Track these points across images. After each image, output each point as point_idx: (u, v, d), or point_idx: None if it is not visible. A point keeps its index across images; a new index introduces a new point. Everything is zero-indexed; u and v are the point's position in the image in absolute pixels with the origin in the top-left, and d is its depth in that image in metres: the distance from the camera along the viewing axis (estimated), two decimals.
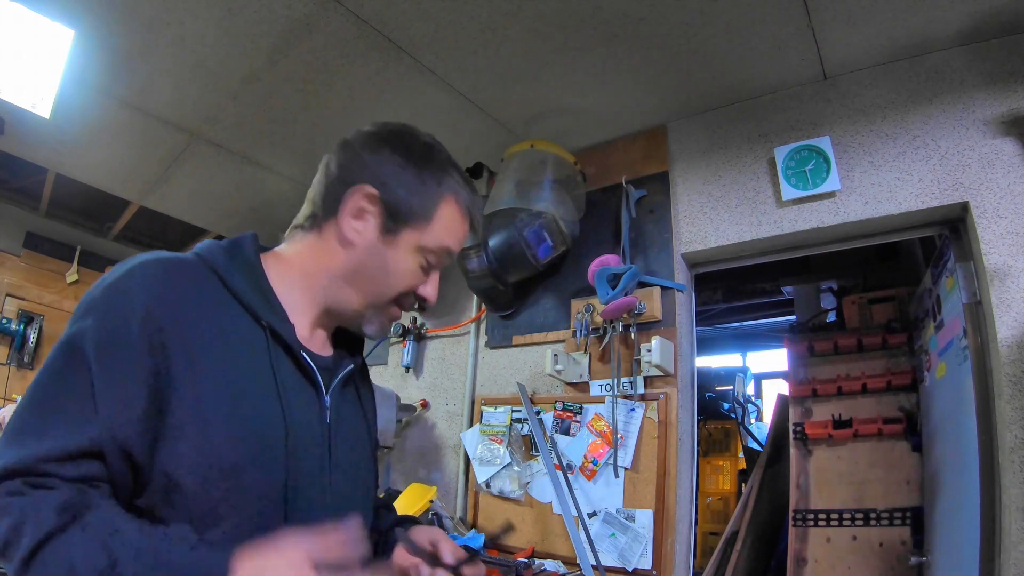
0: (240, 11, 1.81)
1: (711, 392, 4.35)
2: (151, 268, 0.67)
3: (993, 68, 1.73)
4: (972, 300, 1.69)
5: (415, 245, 0.82)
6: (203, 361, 0.65)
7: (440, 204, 0.83)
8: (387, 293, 0.82)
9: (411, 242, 0.81)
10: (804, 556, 2.56)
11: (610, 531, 1.94)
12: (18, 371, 3.46)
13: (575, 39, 1.88)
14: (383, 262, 0.81)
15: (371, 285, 0.82)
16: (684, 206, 2.19)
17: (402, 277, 0.82)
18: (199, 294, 0.69)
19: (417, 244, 0.82)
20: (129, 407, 0.61)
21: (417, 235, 0.81)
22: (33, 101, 1.93)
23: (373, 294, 0.82)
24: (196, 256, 0.73)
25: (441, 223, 0.83)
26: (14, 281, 3.55)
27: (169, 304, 0.65)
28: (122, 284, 0.65)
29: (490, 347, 2.55)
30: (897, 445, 2.48)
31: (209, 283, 0.71)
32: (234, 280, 0.72)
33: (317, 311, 0.83)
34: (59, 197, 3.51)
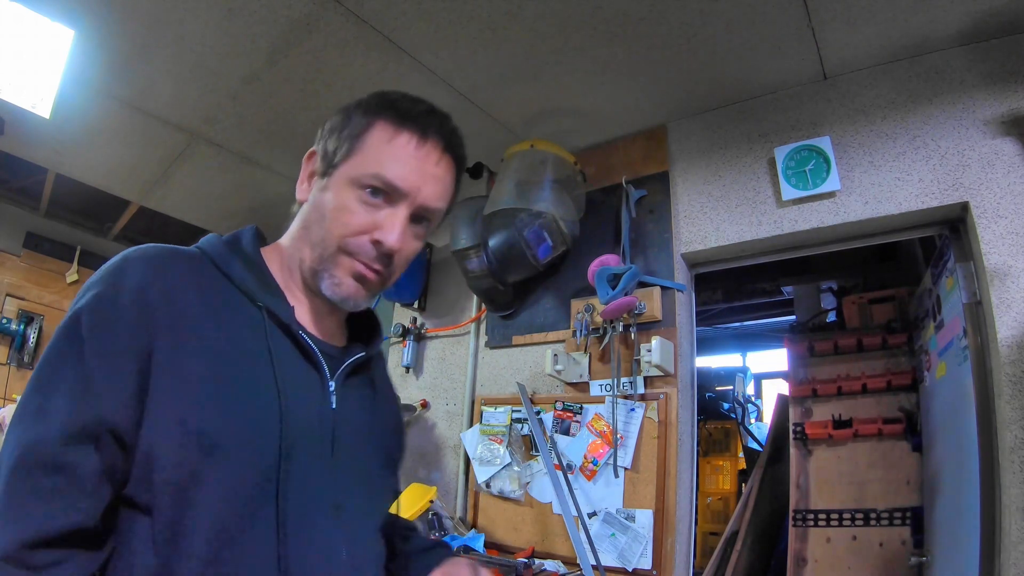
0: (240, 11, 1.81)
1: (711, 392, 4.35)
2: (148, 251, 0.68)
3: (993, 68, 1.73)
4: (972, 300, 1.69)
5: (345, 179, 0.75)
6: (191, 340, 0.64)
7: (368, 131, 0.76)
8: (329, 238, 0.74)
9: (342, 178, 0.75)
10: (804, 556, 2.56)
11: (610, 531, 1.94)
12: (18, 371, 3.46)
13: (575, 39, 1.88)
14: (320, 206, 0.76)
15: (314, 234, 0.76)
16: (684, 206, 2.19)
17: (338, 215, 0.74)
18: (194, 278, 0.68)
19: (347, 177, 0.75)
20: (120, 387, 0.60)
21: (346, 169, 0.75)
22: (33, 101, 1.92)
23: (319, 244, 0.75)
24: (196, 248, 0.74)
25: (371, 150, 0.75)
26: (14, 281, 3.55)
27: (161, 284, 0.65)
28: (117, 265, 0.66)
29: (490, 347, 2.55)
30: (897, 445, 2.48)
31: (207, 270, 0.71)
32: (230, 267, 0.72)
33: (304, 292, 0.79)
34: (59, 197, 3.51)
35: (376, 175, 0.73)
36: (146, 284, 0.64)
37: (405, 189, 0.74)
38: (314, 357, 0.74)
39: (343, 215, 0.74)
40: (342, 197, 0.74)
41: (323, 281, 0.75)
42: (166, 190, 3.03)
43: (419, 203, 0.76)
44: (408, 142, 0.75)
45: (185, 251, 0.72)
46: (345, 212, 0.74)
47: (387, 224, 0.74)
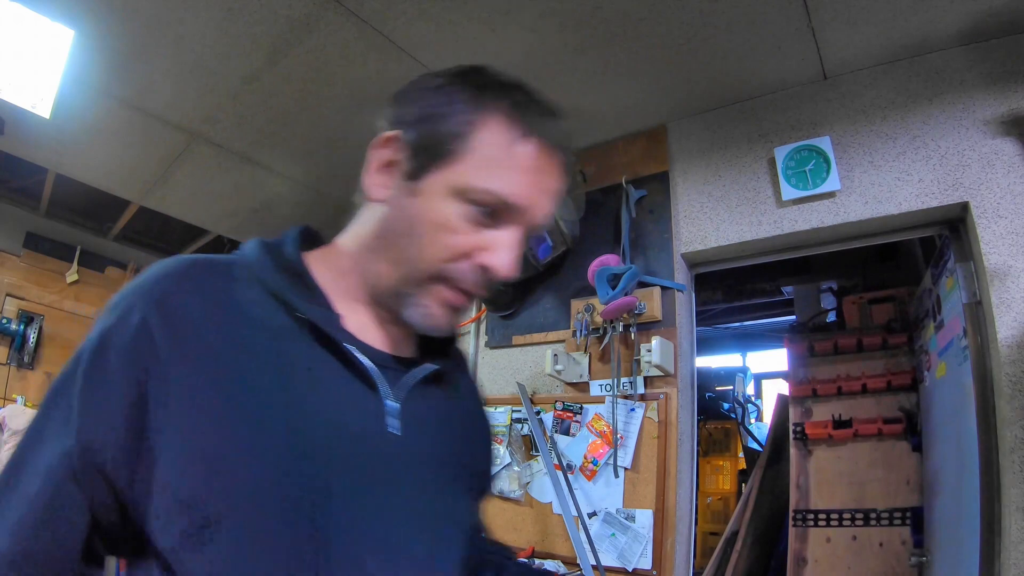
0: (240, 11, 1.81)
1: (711, 392, 4.34)
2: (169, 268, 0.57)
3: (993, 68, 1.73)
4: (972, 300, 1.69)
5: (447, 188, 0.59)
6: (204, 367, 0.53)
7: (479, 127, 0.60)
8: (422, 261, 0.60)
9: (440, 185, 0.59)
10: (804, 556, 2.56)
11: (610, 531, 1.94)
12: (18, 371, 3.46)
13: (575, 39, 1.88)
14: (411, 217, 0.60)
15: (401, 251, 0.61)
16: (684, 206, 2.19)
17: (435, 235, 0.59)
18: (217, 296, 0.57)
19: (449, 186, 0.59)
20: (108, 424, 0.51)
21: (447, 174, 0.59)
22: (33, 101, 1.92)
23: (406, 263, 0.61)
24: (234, 254, 0.63)
25: (483, 152, 0.59)
26: (14, 281, 3.54)
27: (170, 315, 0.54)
28: (131, 290, 0.57)
29: (490, 347, 2.55)
30: (897, 445, 2.48)
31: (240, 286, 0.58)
32: (269, 277, 0.59)
33: (366, 301, 0.65)
34: (59, 197, 3.51)
35: (490, 192, 0.59)
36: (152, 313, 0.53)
37: (524, 209, 0.60)
38: (363, 371, 0.59)
39: (444, 235, 0.59)
40: (443, 211, 0.59)
41: (407, 308, 0.62)
42: (166, 190, 3.03)
43: (533, 222, 0.63)
44: (531, 154, 0.60)
45: (216, 263, 0.60)
46: (446, 231, 0.59)
47: (499, 248, 0.60)
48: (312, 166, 2.78)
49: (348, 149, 2.58)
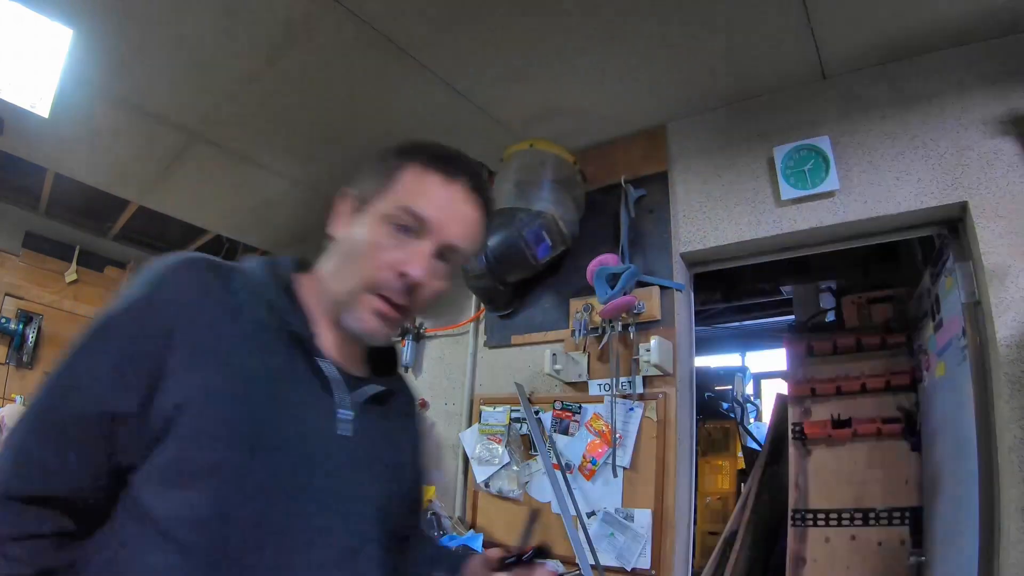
0: (239, 11, 1.81)
1: (710, 392, 4.34)
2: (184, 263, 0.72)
3: (992, 68, 1.73)
4: (971, 300, 1.69)
5: (377, 216, 0.78)
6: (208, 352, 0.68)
7: (402, 173, 0.79)
8: (358, 274, 0.77)
9: (374, 214, 0.78)
10: (803, 556, 2.56)
11: (609, 531, 1.94)
12: (17, 371, 3.45)
13: (574, 39, 1.88)
14: (351, 242, 0.79)
15: (346, 269, 0.78)
16: (683, 206, 2.19)
17: (368, 251, 0.77)
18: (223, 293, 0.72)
19: (379, 214, 0.78)
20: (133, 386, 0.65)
21: (378, 206, 0.78)
22: (32, 100, 1.92)
23: (348, 279, 0.77)
24: (237, 264, 0.78)
25: (402, 186, 0.78)
26: (13, 281, 3.54)
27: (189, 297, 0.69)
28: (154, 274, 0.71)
29: (489, 347, 2.55)
30: (896, 445, 2.48)
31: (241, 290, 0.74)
32: (264, 287, 0.76)
33: (330, 322, 0.81)
34: (58, 196, 3.51)
35: (405, 208, 0.76)
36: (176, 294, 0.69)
37: (432, 223, 0.77)
38: (326, 380, 0.75)
39: (373, 249, 0.76)
40: (373, 232, 0.77)
41: (346, 316, 0.77)
42: (165, 190, 3.03)
43: (444, 239, 0.78)
44: (436, 180, 0.79)
45: (223, 266, 0.75)
46: (375, 247, 0.76)
47: (413, 257, 0.76)
48: (311, 166, 2.78)
49: (346, 149, 2.58)
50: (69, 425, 0.65)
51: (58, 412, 0.65)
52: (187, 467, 0.64)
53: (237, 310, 0.72)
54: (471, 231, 0.82)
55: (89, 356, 0.68)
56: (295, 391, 0.72)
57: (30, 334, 3.49)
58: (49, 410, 0.66)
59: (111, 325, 0.68)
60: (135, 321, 0.68)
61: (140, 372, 0.65)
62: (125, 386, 0.65)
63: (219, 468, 0.64)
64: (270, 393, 0.70)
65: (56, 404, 0.66)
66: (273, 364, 0.71)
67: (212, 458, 0.64)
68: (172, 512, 0.63)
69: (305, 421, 0.72)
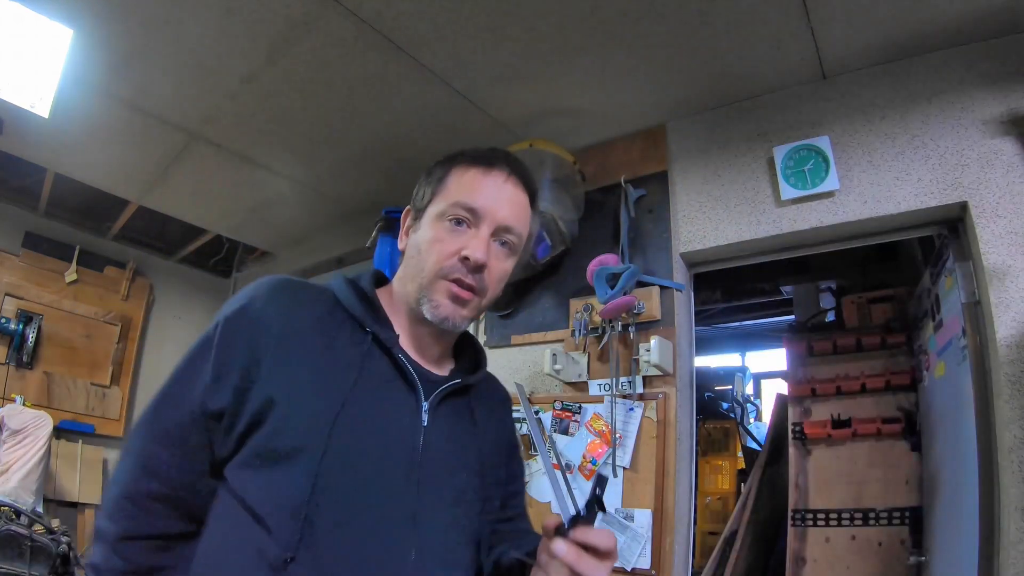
0: (239, 10, 1.81)
1: (710, 392, 4.34)
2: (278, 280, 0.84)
3: (992, 68, 1.73)
4: (971, 300, 1.69)
5: (434, 216, 0.87)
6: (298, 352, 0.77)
7: (448, 176, 0.89)
8: (426, 268, 0.85)
9: (430, 217, 0.88)
10: (803, 556, 2.56)
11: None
12: (17, 371, 3.45)
13: (574, 39, 1.88)
14: (416, 244, 0.88)
15: (413, 268, 0.87)
16: (683, 206, 2.19)
17: (431, 246, 0.85)
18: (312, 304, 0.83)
19: (434, 214, 0.87)
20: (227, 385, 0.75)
21: (433, 209, 0.88)
22: (32, 100, 1.92)
23: (419, 276, 0.86)
24: (325, 284, 0.89)
25: (451, 187, 0.88)
26: (13, 280, 3.53)
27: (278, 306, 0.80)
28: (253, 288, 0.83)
29: (489, 347, 2.54)
30: (896, 445, 2.48)
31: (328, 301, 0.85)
32: (348, 299, 0.85)
33: (411, 324, 0.89)
34: (58, 197, 3.51)
35: (455, 203, 0.85)
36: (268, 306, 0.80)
37: (482, 210, 0.85)
38: (410, 378, 0.83)
39: (435, 245, 0.85)
40: (433, 230, 0.86)
41: (424, 305, 0.85)
42: (165, 190, 3.03)
43: (496, 221, 0.86)
44: (478, 173, 0.88)
45: (312, 285, 0.87)
46: (436, 242, 0.85)
47: (472, 242, 0.84)
48: (311, 166, 2.78)
49: (346, 148, 2.58)
50: (178, 428, 0.75)
51: (169, 419, 0.76)
52: (273, 451, 0.72)
53: (324, 320, 0.81)
54: (519, 211, 0.89)
55: (191, 364, 0.78)
56: (377, 387, 0.80)
57: (30, 334, 3.48)
58: (161, 418, 0.77)
59: (210, 335, 0.78)
60: (230, 330, 0.78)
61: (233, 372, 0.75)
62: (220, 387, 0.75)
63: (301, 452, 0.72)
64: (352, 388, 0.77)
65: (167, 411, 0.77)
66: (357, 365, 0.79)
67: (295, 442, 0.72)
68: (259, 492, 0.72)
69: (386, 413, 0.79)
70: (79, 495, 3.42)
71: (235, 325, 0.78)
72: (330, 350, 0.79)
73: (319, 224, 3.36)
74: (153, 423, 0.77)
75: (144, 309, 4.08)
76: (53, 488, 3.30)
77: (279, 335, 0.77)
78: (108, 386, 3.79)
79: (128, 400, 3.89)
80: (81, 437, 3.57)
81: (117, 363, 3.87)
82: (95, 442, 3.63)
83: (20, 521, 2.39)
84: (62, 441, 3.45)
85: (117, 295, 3.95)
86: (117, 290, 3.96)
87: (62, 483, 3.37)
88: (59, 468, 3.37)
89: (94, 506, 3.48)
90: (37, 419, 3.15)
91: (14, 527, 2.30)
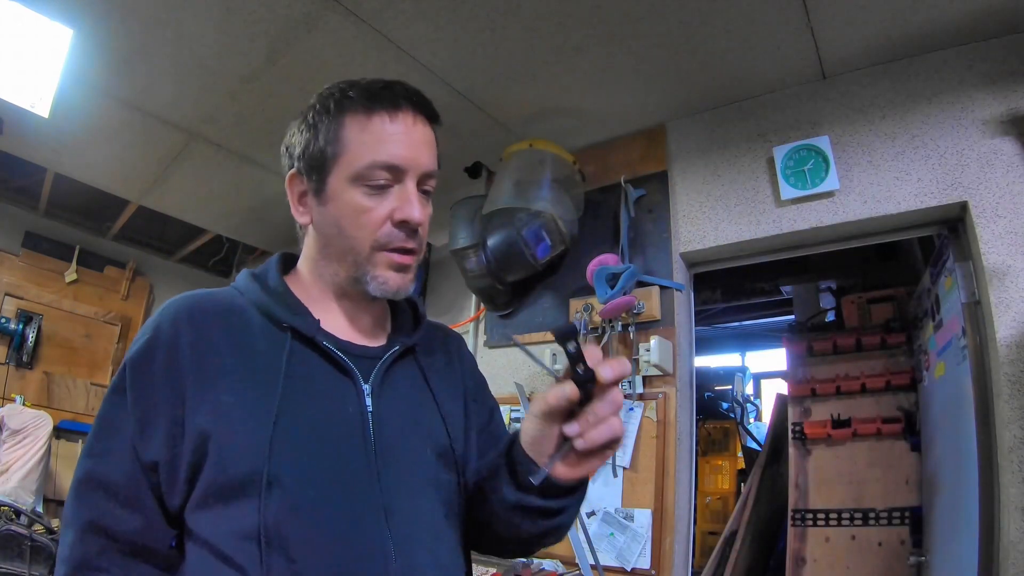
0: (239, 10, 1.81)
1: (710, 392, 4.34)
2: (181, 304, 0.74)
3: (992, 68, 1.73)
4: (971, 300, 1.69)
5: (344, 181, 0.74)
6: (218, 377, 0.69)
7: (341, 128, 0.75)
8: (358, 243, 0.75)
9: (339, 183, 0.75)
10: (803, 556, 2.56)
11: (608, 531, 1.94)
12: (17, 371, 3.45)
13: (574, 38, 1.88)
14: (334, 219, 0.76)
15: (340, 246, 0.76)
16: (683, 205, 2.19)
17: (355, 219, 0.74)
18: (221, 319, 0.73)
19: (345, 179, 0.74)
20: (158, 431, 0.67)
21: (339, 173, 0.75)
22: (32, 100, 1.92)
23: (349, 253, 0.76)
24: (231, 286, 0.79)
25: (353, 144, 0.74)
26: (13, 280, 3.54)
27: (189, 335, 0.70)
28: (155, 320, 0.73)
29: (489, 346, 2.54)
30: (896, 445, 2.48)
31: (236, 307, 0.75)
32: (257, 298, 0.76)
33: (335, 300, 0.80)
34: (58, 196, 3.51)
35: (371, 164, 0.73)
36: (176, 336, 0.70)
37: (404, 164, 0.74)
38: (343, 365, 0.75)
39: (361, 216, 0.74)
40: (350, 200, 0.74)
41: (369, 284, 0.76)
42: (165, 189, 3.03)
43: (421, 171, 0.76)
44: (383, 120, 0.75)
45: (217, 294, 0.77)
46: (360, 212, 0.74)
47: (403, 202, 0.74)
48: None
49: None
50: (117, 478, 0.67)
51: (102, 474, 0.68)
52: (221, 487, 0.65)
53: (235, 329, 0.73)
54: (434, 151, 0.80)
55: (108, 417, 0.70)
56: (309, 387, 0.72)
57: (30, 334, 3.48)
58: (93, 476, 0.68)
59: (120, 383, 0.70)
60: (140, 372, 0.69)
61: (159, 418, 0.67)
62: (148, 437, 0.67)
63: (249, 480, 0.65)
64: (286, 395, 0.70)
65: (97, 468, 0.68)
66: (281, 369, 0.71)
67: (239, 472, 0.65)
68: (219, 531, 0.65)
69: (325, 410, 0.72)
70: None
71: (145, 366, 0.69)
72: (249, 361, 0.71)
73: None
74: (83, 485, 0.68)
75: (144, 309, 4.08)
76: (53, 488, 3.30)
77: (193, 359, 0.69)
78: (108, 386, 3.79)
79: None
80: (81, 437, 3.57)
81: (117, 363, 3.86)
82: None
83: (20, 521, 2.39)
84: (62, 441, 3.45)
85: (117, 295, 3.95)
86: (117, 290, 3.96)
87: (62, 483, 3.37)
88: (59, 468, 3.37)
89: None
90: (37, 419, 3.15)
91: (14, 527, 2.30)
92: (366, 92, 0.77)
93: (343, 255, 0.76)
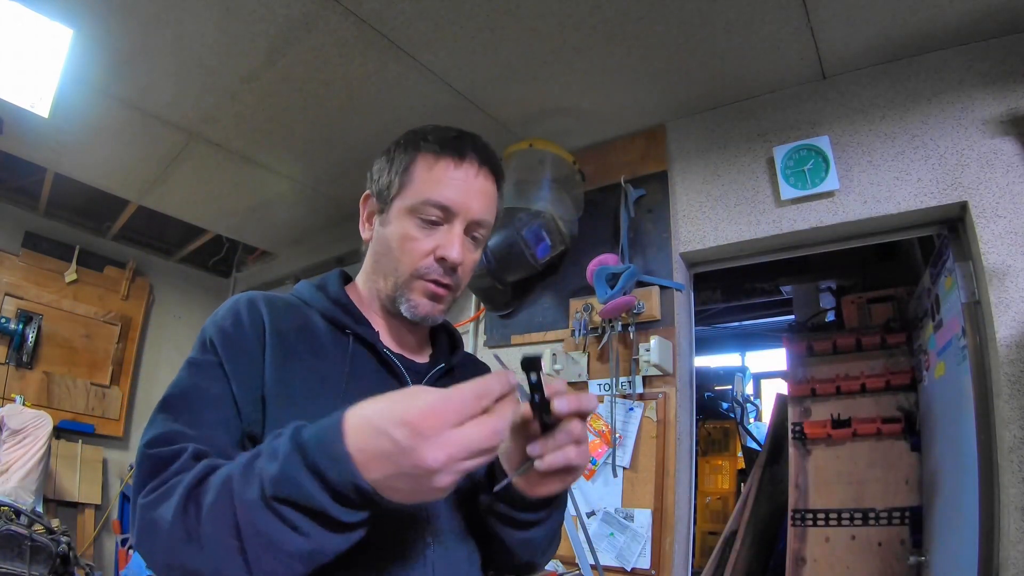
0: (239, 10, 1.81)
1: (710, 392, 4.34)
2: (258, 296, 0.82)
3: (992, 68, 1.73)
4: (971, 300, 1.69)
5: (402, 211, 0.84)
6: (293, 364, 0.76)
7: (413, 165, 0.85)
8: (400, 267, 0.83)
9: (398, 211, 0.84)
10: (803, 556, 2.56)
11: (608, 531, 1.94)
12: (17, 371, 3.45)
13: (574, 38, 1.88)
14: (385, 240, 0.85)
15: (386, 266, 0.85)
16: (683, 205, 2.19)
17: (402, 244, 0.83)
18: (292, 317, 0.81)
19: (403, 209, 0.84)
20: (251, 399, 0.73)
21: (400, 202, 0.84)
22: (32, 100, 1.92)
23: (392, 274, 0.84)
24: (291, 294, 0.88)
25: (418, 181, 0.84)
26: (13, 280, 3.53)
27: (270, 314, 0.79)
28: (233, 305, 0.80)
29: (489, 347, 2.54)
30: (896, 445, 2.48)
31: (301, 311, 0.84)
32: (322, 306, 0.85)
33: (386, 317, 0.89)
34: (58, 196, 3.50)
35: (427, 201, 0.82)
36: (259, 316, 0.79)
37: (455, 208, 0.82)
38: (397, 370, 0.84)
39: (407, 243, 0.83)
40: (403, 227, 0.83)
41: (402, 305, 0.84)
42: (165, 189, 3.03)
43: (470, 218, 0.84)
44: (448, 166, 0.84)
45: (282, 295, 0.86)
46: (408, 240, 0.83)
47: (446, 242, 0.82)
48: (311, 165, 2.78)
49: (346, 148, 2.58)
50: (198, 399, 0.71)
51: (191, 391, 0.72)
52: None
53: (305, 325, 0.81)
54: (489, 203, 0.87)
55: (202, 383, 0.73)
56: (369, 384, 0.78)
57: (30, 334, 3.48)
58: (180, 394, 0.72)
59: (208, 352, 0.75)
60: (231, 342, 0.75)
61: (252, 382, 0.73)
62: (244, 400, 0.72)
63: None
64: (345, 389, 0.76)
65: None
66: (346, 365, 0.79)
67: None
68: None
69: None
70: (79, 495, 3.42)
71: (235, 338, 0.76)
72: (319, 353, 0.79)
73: (319, 224, 3.36)
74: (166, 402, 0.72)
75: (144, 309, 4.08)
76: (53, 488, 3.30)
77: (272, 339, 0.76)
78: (108, 386, 3.79)
79: (128, 400, 3.89)
80: (81, 437, 3.57)
81: (117, 363, 3.86)
82: (95, 442, 3.63)
83: (20, 521, 2.39)
84: (62, 441, 3.45)
85: (117, 295, 3.95)
86: (117, 290, 3.95)
87: (62, 483, 3.37)
88: (59, 468, 3.37)
89: (93, 506, 3.48)
90: (37, 419, 3.15)
91: (14, 527, 2.30)
92: (440, 138, 0.86)
93: (388, 274, 0.85)
